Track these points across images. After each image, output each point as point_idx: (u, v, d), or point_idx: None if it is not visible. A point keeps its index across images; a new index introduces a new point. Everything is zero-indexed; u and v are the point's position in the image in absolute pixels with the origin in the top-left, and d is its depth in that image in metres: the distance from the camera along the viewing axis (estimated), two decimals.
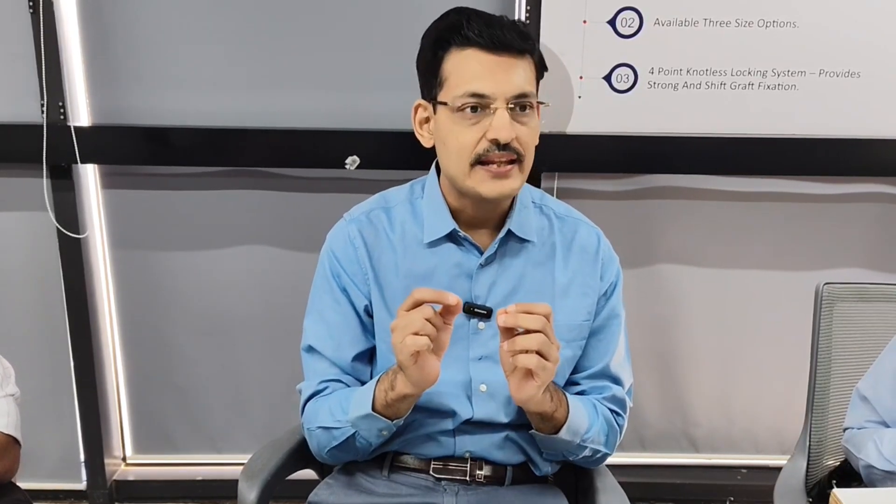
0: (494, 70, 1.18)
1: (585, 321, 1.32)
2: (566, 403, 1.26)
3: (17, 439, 1.35)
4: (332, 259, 1.31)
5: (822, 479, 1.53)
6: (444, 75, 1.22)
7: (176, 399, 2.42)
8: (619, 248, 1.37)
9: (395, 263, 1.30)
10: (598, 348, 1.35)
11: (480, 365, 1.30)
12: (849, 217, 2.27)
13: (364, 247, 1.30)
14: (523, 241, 1.30)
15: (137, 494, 2.45)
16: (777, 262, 2.31)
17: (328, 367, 1.31)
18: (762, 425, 2.47)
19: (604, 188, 2.24)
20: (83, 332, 2.27)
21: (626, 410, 1.37)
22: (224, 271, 2.28)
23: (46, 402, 2.34)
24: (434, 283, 1.28)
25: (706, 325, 2.37)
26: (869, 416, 1.38)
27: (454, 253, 1.29)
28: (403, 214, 1.32)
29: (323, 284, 1.32)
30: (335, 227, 1.35)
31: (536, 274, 1.31)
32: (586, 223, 1.36)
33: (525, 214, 1.31)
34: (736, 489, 2.43)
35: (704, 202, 2.26)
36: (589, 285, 1.32)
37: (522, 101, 1.20)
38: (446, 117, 1.22)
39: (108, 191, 2.23)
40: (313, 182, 2.20)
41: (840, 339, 1.53)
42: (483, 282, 1.29)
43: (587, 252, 1.33)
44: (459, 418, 1.30)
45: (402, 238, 1.30)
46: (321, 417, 1.28)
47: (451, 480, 1.34)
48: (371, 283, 1.30)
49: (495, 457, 1.34)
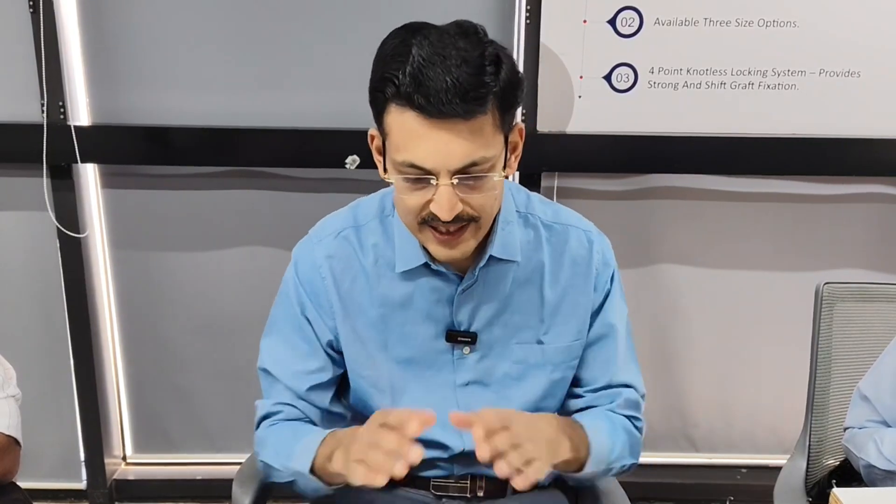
0: (435, 140, 1.01)
1: (576, 341, 1.24)
2: (586, 437, 1.17)
3: (17, 440, 1.35)
4: (297, 286, 1.22)
5: (822, 479, 1.53)
6: (386, 126, 1.05)
7: (176, 399, 2.42)
8: (618, 248, 1.33)
9: (368, 290, 1.20)
10: (599, 359, 1.27)
11: (468, 391, 1.23)
12: (849, 217, 2.26)
13: (331, 276, 1.20)
14: (509, 261, 1.19)
15: (137, 494, 2.45)
16: (777, 263, 2.31)
17: (283, 390, 1.23)
18: (761, 425, 2.47)
19: (603, 188, 2.23)
20: (83, 331, 2.26)
21: (640, 411, 1.29)
22: (224, 271, 2.28)
23: (46, 402, 2.34)
24: (412, 310, 1.19)
25: (706, 325, 2.37)
26: (870, 416, 1.37)
27: (431, 279, 1.19)
28: (375, 236, 1.20)
29: (286, 309, 1.23)
30: (302, 245, 1.24)
31: (523, 294, 1.21)
32: (576, 227, 1.25)
33: (508, 231, 1.18)
34: (735, 489, 2.43)
35: (704, 202, 2.26)
36: (580, 303, 1.23)
37: (471, 173, 1.03)
38: (392, 170, 1.07)
39: (108, 190, 2.23)
40: (314, 182, 2.20)
41: (840, 339, 1.53)
42: (465, 307, 1.19)
43: (578, 264, 1.23)
44: (452, 451, 1.26)
45: (374, 263, 1.20)
46: (267, 452, 1.21)
47: (451, 497, 1.30)
48: (338, 317, 1.21)
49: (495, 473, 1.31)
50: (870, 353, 1.48)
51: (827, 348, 1.53)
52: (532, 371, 1.24)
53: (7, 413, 1.34)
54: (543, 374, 1.24)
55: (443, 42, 1.01)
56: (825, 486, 1.48)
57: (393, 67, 1.01)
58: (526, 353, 1.23)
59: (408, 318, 1.20)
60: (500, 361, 1.23)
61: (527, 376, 1.24)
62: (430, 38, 1.01)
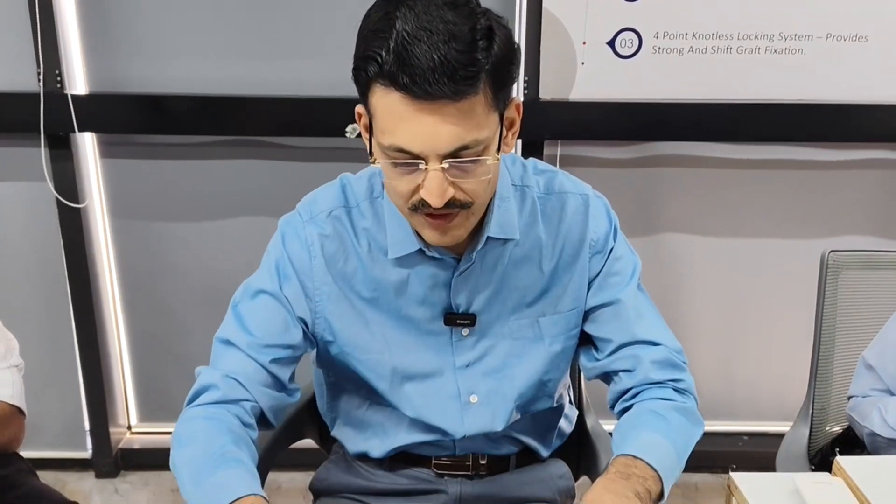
0: (422, 123, 0.95)
1: (572, 310, 1.20)
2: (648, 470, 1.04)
3: (21, 409, 1.36)
4: (283, 260, 1.15)
5: (825, 447, 1.53)
6: (371, 107, 0.99)
7: (179, 368, 2.42)
8: (621, 216, 1.29)
9: (362, 272, 1.16)
10: (610, 318, 1.19)
11: (468, 373, 1.20)
12: (855, 184, 2.25)
13: (322, 256, 1.15)
14: (505, 241, 1.15)
15: (143, 462, 2.47)
16: (782, 230, 2.30)
17: (242, 360, 1.13)
18: (764, 392, 2.48)
19: (607, 156, 2.22)
20: (85, 302, 2.27)
21: (681, 369, 1.20)
22: (225, 241, 2.28)
23: (50, 372, 2.35)
24: (407, 294, 1.16)
25: (709, 294, 2.37)
26: (874, 385, 1.37)
27: (427, 266, 1.14)
28: (366, 219, 1.15)
29: (265, 280, 1.16)
30: (291, 220, 1.18)
31: (521, 272, 1.17)
32: (572, 193, 1.19)
33: (505, 209, 1.14)
34: (738, 456, 2.44)
35: (708, 170, 2.24)
36: (576, 271, 1.19)
37: (462, 156, 0.98)
38: (379, 153, 1.02)
39: (106, 160, 2.22)
40: (314, 151, 2.18)
41: (845, 308, 1.52)
42: (462, 290, 1.16)
43: (575, 232, 1.18)
44: (452, 436, 1.23)
45: (367, 249, 1.15)
46: (183, 451, 1.07)
47: (453, 476, 1.29)
48: (331, 298, 1.16)
49: (497, 452, 1.30)
50: (875, 321, 1.47)
51: (831, 316, 1.53)
52: (531, 346, 1.22)
53: (10, 383, 1.34)
54: (542, 348, 1.22)
55: (429, 14, 0.93)
56: (828, 454, 1.48)
57: (375, 44, 0.95)
58: (524, 330, 1.21)
59: (403, 302, 1.17)
60: (500, 340, 1.21)
61: (527, 353, 1.22)
62: (415, 10, 0.94)
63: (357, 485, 1.32)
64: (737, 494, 1.08)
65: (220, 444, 1.05)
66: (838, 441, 1.50)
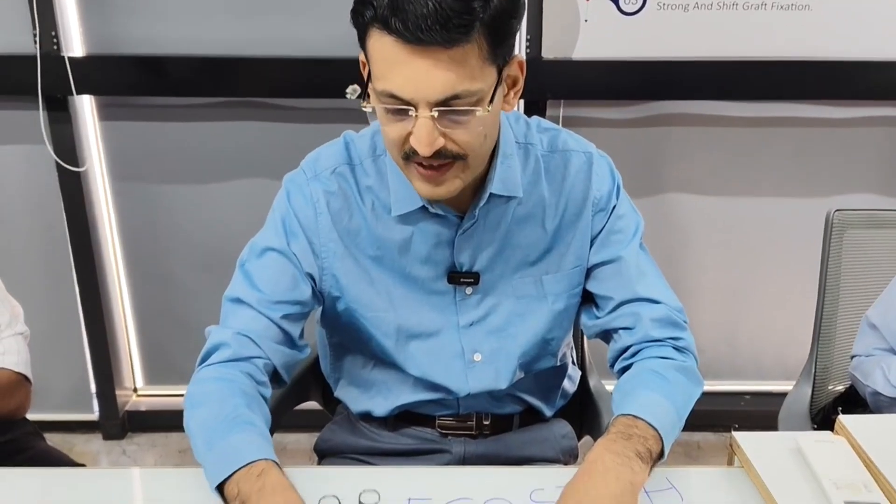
0: (414, 69, 0.94)
1: (575, 268, 1.20)
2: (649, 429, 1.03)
3: (27, 377, 1.36)
4: (289, 217, 1.16)
5: (827, 406, 1.54)
6: (368, 52, 0.99)
7: (182, 331, 2.43)
8: (625, 177, 1.30)
9: (367, 230, 1.16)
10: (611, 275, 1.19)
11: (471, 332, 1.21)
12: (862, 141, 2.23)
13: (328, 212, 1.15)
14: (508, 198, 1.14)
15: (149, 424, 2.50)
16: (787, 189, 2.28)
17: (253, 317, 1.14)
18: (767, 352, 2.48)
19: (610, 116, 2.20)
20: (88, 266, 2.27)
21: (681, 328, 1.19)
22: (226, 204, 2.27)
23: (55, 336, 2.36)
24: (411, 252, 1.16)
25: (713, 253, 2.36)
26: (877, 344, 1.37)
27: (430, 223, 1.14)
28: (370, 177, 1.15)
29: (271, 237, 1.16)
30: (295, 177, 1.18)
31: (523, 230, 1.17)
32: (575, 151, 1.19)
33: (508, 165, 1.13)
34: (740, 415, 2.45)
35: (713, 129, 2.22)
36: (578, 229, 1.19)
37: (453, 105, 0.96)
38: (373, 99, 1.01)
39: (105, 123, 2.20)
40: (314, 112, 2.16)
41: (849, 267, 1.52)
42: (466, 248, 1.16)
43: (578, 190, 1.18)
44: (456, 394, 1.24)
45: (371, 206, 1.15)
46: (196, 412, 1.08)
47: (457, 435, 1.31)
48: (336, 254, 1.16)
49: (500, 411, 1.31)
50: (879, 280, 1.47)
51: (836, 275, 1.52)
52: (534, 305, 1.22)
53: (16, 350, 1.35)
54: (545, 307, 1.22)
55: None
56: (830, 413, 1.49)
57: None
58: (527, 288, 1.21)
59: (407, 261, 1.17)
60: (503, 299, 1.21)
61: (530, 311, 1.22)
62: None
63: (361, 445, 1.33)
64: (739, 453, 1.09)
65: (233, 406, 1.05)
66: (840, 400, 1.51)
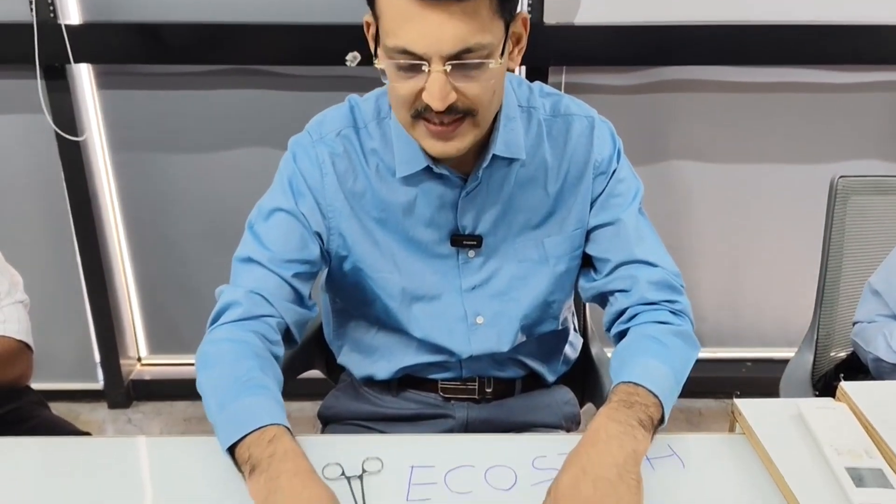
0: (427, 23, 0.95)
1: (576, 230, 1.21)
2: (650, 397, 1.03)
3: (28, 345, 1.36)
4: (296, 177, 1.16)
5: (829, 372, 1.54)
6: (378, 9, 1.00)
7: (185, 300, 2.44)
8: (627, 144, 1.29)
9: (371, 193, 1.17)
10: (609, 237, 1.20)
11: (474, 295, 1.22)
12: (866, 107, 2.21)
13: (334, 173, 1.15)
14: (511, 160, 1.15)
15: (154, 393, 2.52)
16: (791, 155, 2.27)
17: (264, 275, 1.14)
18: (769, 319, 2.49)
19: (613, 82, 2.18)
20: (89, 235, 2.27)
21: (678, 291, 1.19)
22: (226, 171, 2.26)
23: (58, 305, 2.37)
24: (415, 215, 1.17)
25: (716, 221, 2.36)
26: (880, 310, 1.37)
27: (433, 185, 1.15)
28: (374, 140, 1.16)
29: (279, 198, 1.16)
30: (300, 140, 1.18)
31: (526, 193, 1.18)
32: (578, 115, 1.20)
33: (511, 128, 1.14)
34: (741, 382, 2.47)
35: (717, 94, 2.21)
36: (580, 192, 1.19)
37: (465, 59, 0.97)
38: (383, 57, 1.02)
39: (104, 91, 2.19)
40: (313, 80, 2.15)
41: (853, 233, 1.51)
42: (469, 211, 1.17)
43: (579, 153, 1.18)
44: (458, 356, 1.26)
45: (375, 168, 1.16)
46: (209, 373, 1.07)
47: (460, 399, 1.32)
48: (342, 215, 1.17)
49: (503, 375, 1.32)
50: (883, 247, 1.46)
51: (839, 242, 1.51)
52: (536, 268, 1.23)
53: (16, 318, 1.35)
54: (547, 269, 1.23)
55: None
56: (831, 379, 1.49)
57: None
58: (529, 251, 1.22)
59: (410, 223, 1.18)
60: (506, 263, 1.22)
61: (532, 274, 1.23)
62: None
63: (365, 411, 1.34)
64: (740, 420, 1.09)
65: (246, 368, 1.05)
66: (842, 366, 1.51)
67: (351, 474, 1.00)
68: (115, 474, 1.01)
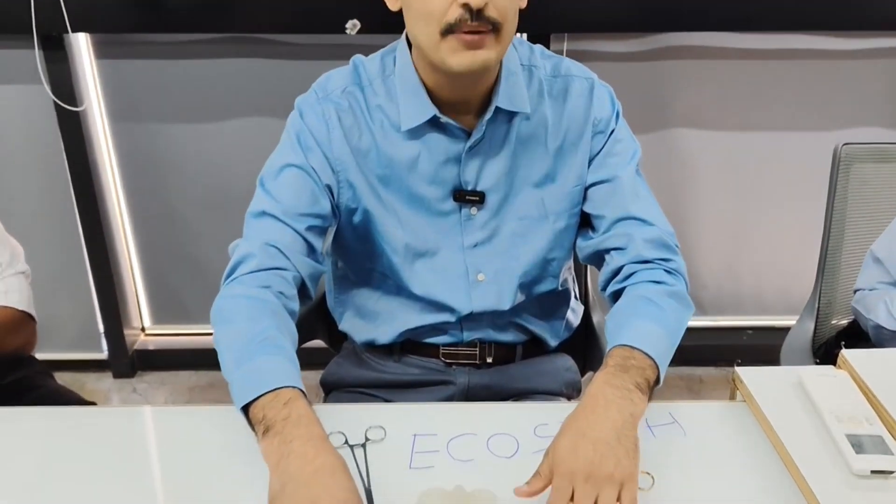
0: None
1: (576, 187, 1.23)
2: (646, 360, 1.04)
3: (31, 315, 1.37)
4: (304, 133, 1.18)
5: (830, 340, 1.55)
6: None
7: (188, 270, 2.45)
8: (630, 112, 1.29)
9: (376, 150, 1.18)
10: (606, 195, 1.22)
11: (476, 252, 1.24)
12: (870, 74, 2.19)
13: (340, 129, 1.17)
14: (512, 115, 1.18)
15: (158, 362, 2.53)
16: (793, 123, 2.26)
17: (279, 228, 1.15)
18: (770, 287, 2.49)
19: (615, 49, 2.16)
20: (90, 206, 2.27)
21: (672, 250, 1.21)
22: (225, 142, 2.25)
23: (61, 276, 2.37)
24: (418, 171, 1.18)
25: (717, 188, 2.35)
26: (881, 278, 1.37)
27: (438, 139, 1.17)
28: (379, 96, 1.18)
29: (288, 154, 1.18)
30: (307, 98, 1.20)
31: (527, 149, 1.20)
32: (578, 77, 1.22)
33: (513, 83, 1.17)
34: (742, 350, 2.48)
35: (719, 61, 2.19)
36: (579, 149, 1.21)
37: None
38: None
39: (102, 61, 2.17)
40: (313, 49, 2.13)
41: (856, 201, 1.51)
42: (472, 166, 1.19)
43: (579, 112, 1.21)
44: (459, 313, 1.26)
45: (380, 125, 1.18)
46: (226, 328, 1.08)
47: (461, 364, 1.33)
48: (350, 169, 1.18)
49: (504, 339, 1.33)
50: (885, 214, 1.46)
51: (841, 210, 1.51)
52: (537, 225, 1.24)
53: (18, 289, 1.35)
54: (547, 226, 1.24)
55: None
56: (832, 347, 1.50)
57: None
58: (530, 209, 1.23)
59: (414, 180, 1.19)
60: (507, 220, 1.23)
61: (532, 231, 1.24)
62: None
63: (367, 377, 1.35)
64: (741, 387, 1.10)
65: (263, 327, 1.05)
66: (843, 334, 1.51)
67: (354, 443, 1.01)
68: (120, 443, 1.03)
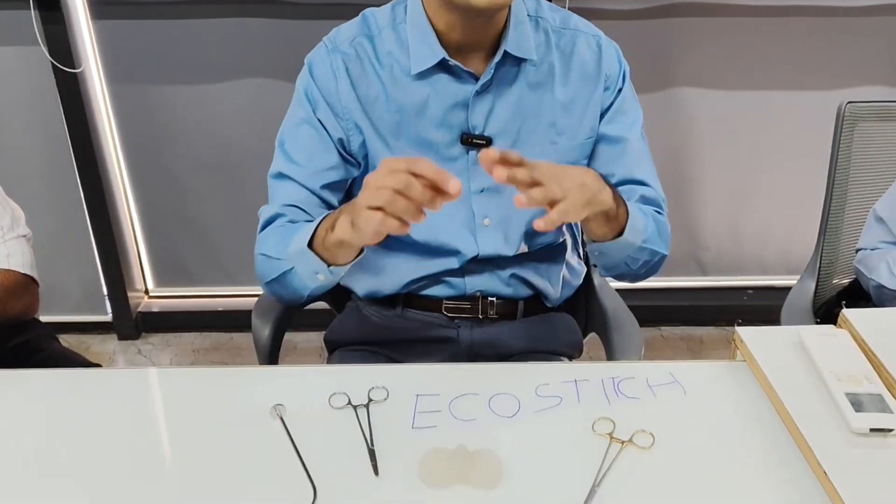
0: None
1: (588, 139, 1.25)
2: (623, 201, 1.14)
3: (34, 278, 1.37)
4: (311, 86, 1.21)
5: (830, 300, 1.55)
6: None
7: (189, 233, 2.45)
8: (633, 69, 1.29)
9: (385, 96, 1.21)
10: (612, 155, 1.26)
11: (482, 197, 1.25)
12: (875, 31, 2.17)
13: (348, 79, 1.20)
14: (520, 62, 1.20)
15: (162, 324, 2.55)
16: (797, 81, 2.23)
17: (296, 189, 1.22)
18: (771, 247, 2.49)
19: (618, 6, 2.13)
20: (90, 168, 2.26)
21: (663, 210, 1.27)
22: (226, 103, 2.24)
23: (63, 239, 2.38)
24: (427, 115, 1.20)
25: (720, 148, 2.34)
26: (883, 237, 1.37)
27: (446, 82, 1.19)
28: (389, 43, 1.20)
29: (298, 112, 1.23)
30: (315, 52, 1.24)
31: (535, 96, 1.22)
32: (585, 32, 1.25)
33: (521, 30, 1.19)
34: (743, 310, 2.48)
35: (722, 19, 2.16)
36: (591, 102, 1.24)
37: None
38: None
39: (99, 22, 2.15)
40: (316, 8, 2.10)
41: (859, 160, 1.50)
42: (480, 110, 1.21)
43: (588, 66, 1.23)
44: (464, 257, 1.28)
45: (389, 71, 1.20)
46: (268, 245, 1.20)
47: (463, 318, 1.34)
48: (358, 118, 1.21)
49: (505, 293, 1.34)
50: (888, 174, 1.46)
51: (845, 169, 1.50)
52: None
53: (20, 252, 1.35)
54: None
55: None
56: (833, 306, 1.50)
57: None
58: (539, 156, 1.21)
59: (422, 125, 1.21)
60: None
61: None
62: None
63: (370, 334, 1.36)
64: (741, 347, 1.10)
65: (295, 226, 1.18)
66: (844, 294, 1.51)
67: (357, 403, 1.02)
68: (126, 405, 1.03)
